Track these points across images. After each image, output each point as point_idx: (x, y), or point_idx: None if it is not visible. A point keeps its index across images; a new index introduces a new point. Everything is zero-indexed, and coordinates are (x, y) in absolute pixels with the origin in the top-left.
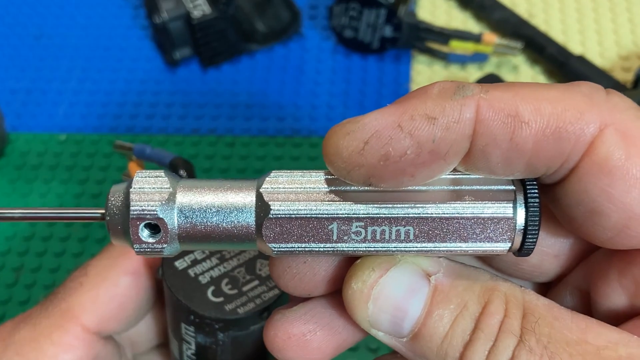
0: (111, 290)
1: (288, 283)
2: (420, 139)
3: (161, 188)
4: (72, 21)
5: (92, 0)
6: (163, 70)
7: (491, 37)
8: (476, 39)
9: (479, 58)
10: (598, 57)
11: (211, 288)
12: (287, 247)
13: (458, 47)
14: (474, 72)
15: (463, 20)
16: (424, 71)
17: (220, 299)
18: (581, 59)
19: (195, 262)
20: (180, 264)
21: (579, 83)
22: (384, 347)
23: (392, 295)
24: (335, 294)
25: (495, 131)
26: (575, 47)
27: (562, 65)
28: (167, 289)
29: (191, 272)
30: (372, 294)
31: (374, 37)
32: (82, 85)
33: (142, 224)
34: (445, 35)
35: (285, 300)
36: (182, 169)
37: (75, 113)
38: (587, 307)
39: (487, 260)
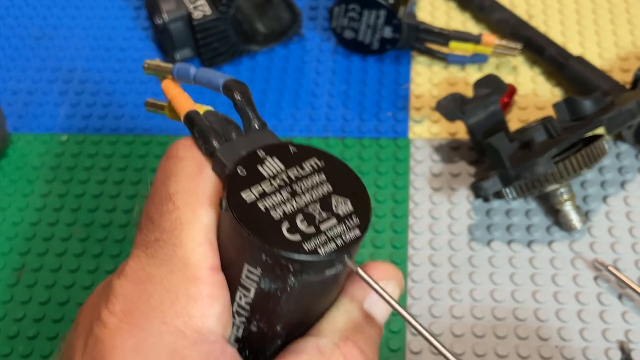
0: (207, 219)
1: None
2: None
3: None
4: (73, 22)
5: (93, 2)
6: None
7: (490, 38)
8: (475, 40)
9: (479, 59)
10: (597, 58)
11: (285, 224)
12: None
13: (457, 48)
14: (473, 73)
15: (462, 22)
16: (423, 72)
17: (298, 237)
18: (580, 60)
19: (263, 195)
20: (247, 196)
21: None
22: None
23: None
24: None
25: None
26: (574, 48)
27: (562, 66)
28: (233, 222)
29: (261, 205)
30: None
31: (374, 38)
32: (83, 86)
33: None
34: (444, 36)
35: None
36: (237, 92)
37: (76, 114)
38: None
39: None
